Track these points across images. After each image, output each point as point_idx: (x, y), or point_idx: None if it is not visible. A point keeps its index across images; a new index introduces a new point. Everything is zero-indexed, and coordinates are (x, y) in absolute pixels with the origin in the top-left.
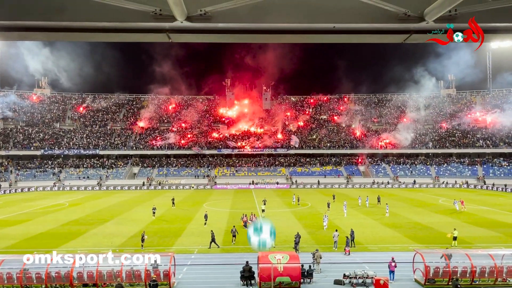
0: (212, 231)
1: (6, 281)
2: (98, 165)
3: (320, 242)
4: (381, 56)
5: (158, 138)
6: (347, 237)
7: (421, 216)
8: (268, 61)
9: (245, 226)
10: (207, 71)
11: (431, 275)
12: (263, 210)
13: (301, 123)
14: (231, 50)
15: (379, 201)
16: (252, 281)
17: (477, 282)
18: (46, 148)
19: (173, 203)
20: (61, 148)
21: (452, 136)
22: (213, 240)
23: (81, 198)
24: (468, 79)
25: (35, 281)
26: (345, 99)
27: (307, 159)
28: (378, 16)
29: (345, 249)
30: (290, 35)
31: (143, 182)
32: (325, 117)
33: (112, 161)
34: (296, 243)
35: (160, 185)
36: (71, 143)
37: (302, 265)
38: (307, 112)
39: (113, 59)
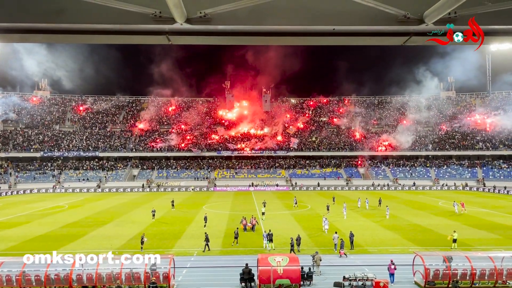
0: (206, 233)
1: (5, 283)
2: (97, 167)
3: (320, 245)
4: (381, 58)
5: (158, 140)
6: (341, 240)
7: (421, 218)
8: (268, 63)
9: (245, 229)
10: (207, 73)
11: (431, 277)
12: (263, 213)
13: (301, 125)
14: (231, 52)
15: (380, 203)
16: (252, 284)
17: (477, 285)
18: (46, 150)
19: (173, 205)
20: (61, 150)
21: (452, 138)
22: (206, 242)
23: (81, 200)
24: (467, 82)
25: (34, 283)
26: (345, 101)
27: (307, 161)
28: (377, 18)
29: (340, 252)
30: (289, 38)
31: (143, 184)
32: (325, 119)
33: (112, 163)
34: (292, 245)
35: (159, 187)
36: (70, 145)
37: (302, 268)
38: (307, 114)
39: (113, 61)
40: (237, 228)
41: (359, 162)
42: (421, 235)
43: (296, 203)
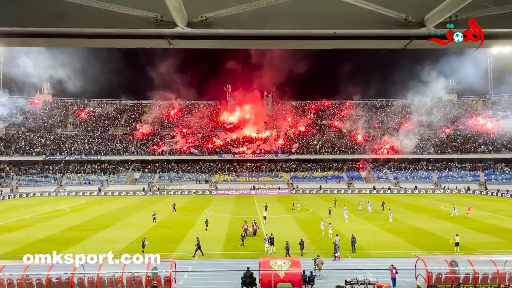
0: (198, 237)
1: (7, 287)
2: (99, 171)
3: (321, 248)
4: (383, 61)
5: (160, 143)
6: (334, 244)
7: (423, 222)
8: (269, 66)
9: (246, 233)
10: (209, 77)
11: (433, 281)
12: (264, 217)
13: (302, 129)
14: (232, 55)
15: (383, 207)
16: (254, 287)
17: None
18: (48, 154)
19: (174, 208)
20: (63, 153)
21: (454, 142)
22: (198, 247)
23: (82, 204)
24: (469, 85)
25: (35, 287)
26: (347, 104)
27: (308, 165)
28: (378, 22)
29: (334, 255)
30: (291, 41)
31: (143, 188)
32: (326, 122)
33: (114, 166)
34: (288, 249)
35: (159, 190)
36: (72, 149)
37: (304, 271)
38: (308, 118)
39: (114, 65)
40: (244, 231)
41: (361, 165)
42: (423, 238)
43: (294, 206)
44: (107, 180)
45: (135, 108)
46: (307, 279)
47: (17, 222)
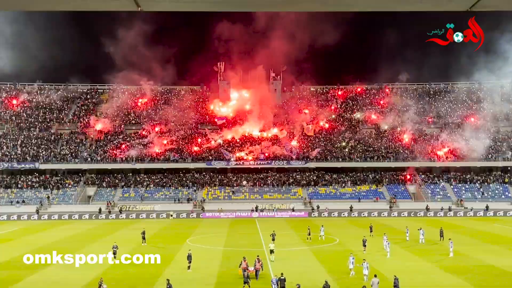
0: (168, 280)
1: None
2: (37, 185)
3: None
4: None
5: (123, 146)
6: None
7: (498, 257)
8: (278, 36)
9: (246, 276)
10: (193, 52)
11: None
12: (271, 251)
13: (325, 125)
14: (224, 20)
15: (442, 236)
16: None
17: None
18: None
19: (144, 238)
20: None
21: None
22: None
23: (13, 232)
24: None
25: None
26: (387, 90)
27: (334, 176)
28: None
29: None
30: (306, 1)
31: (100, 209)
32: (359, 115)
33: (58, 178)
34: None
35: (122, 212)
36: None
37: None
38: (333, 108)
39: (60, 35)
40: (243, 270)
41: (409, 176)
42: (499, 281)
43: (309, 234)
44: (48, 197)
45: (89, 96)
46: None
47: None
